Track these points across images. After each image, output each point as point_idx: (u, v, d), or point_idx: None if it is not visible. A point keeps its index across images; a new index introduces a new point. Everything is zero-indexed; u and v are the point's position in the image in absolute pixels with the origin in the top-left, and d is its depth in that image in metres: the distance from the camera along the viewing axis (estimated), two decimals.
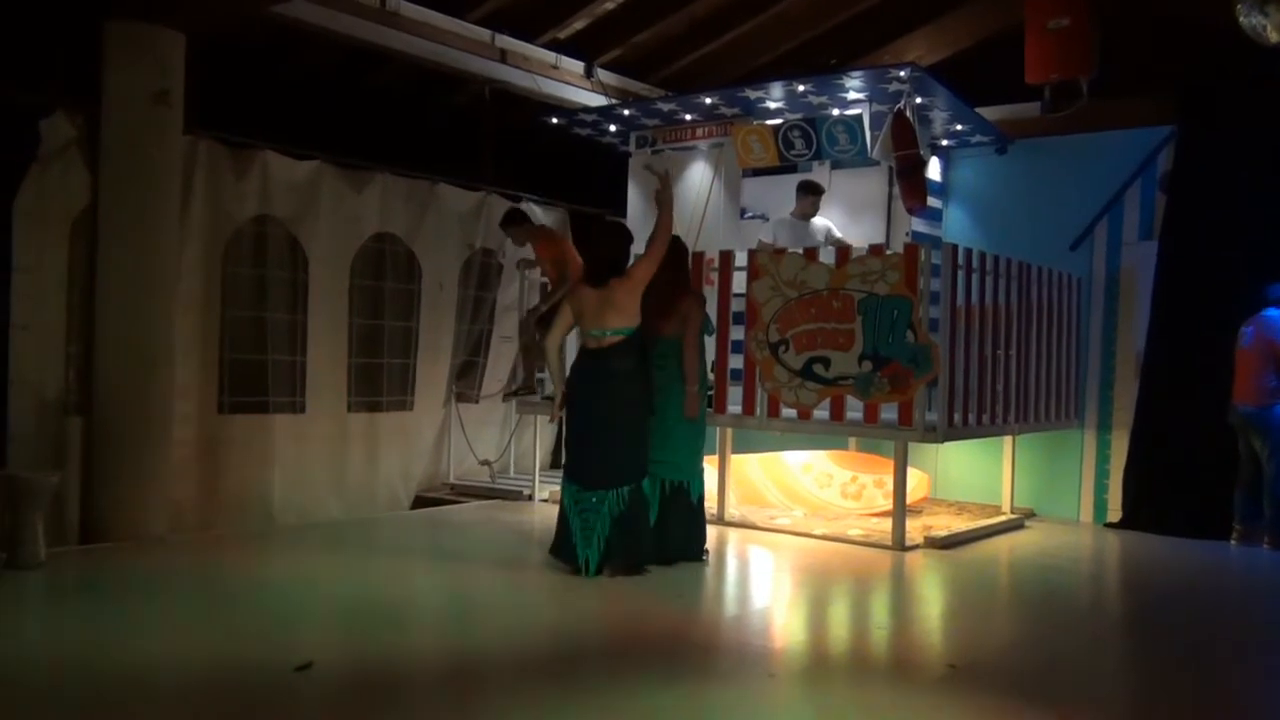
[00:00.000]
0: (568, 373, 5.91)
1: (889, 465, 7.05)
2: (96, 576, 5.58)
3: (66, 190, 6.52)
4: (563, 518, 5.74)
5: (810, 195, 8.18)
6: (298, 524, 7.47)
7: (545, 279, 7.96)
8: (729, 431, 7.40)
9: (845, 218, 8.61)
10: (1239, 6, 6.80)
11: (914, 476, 7.42)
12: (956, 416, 6.61)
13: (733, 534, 7.03)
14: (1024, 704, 3.81)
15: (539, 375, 8.19)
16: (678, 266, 6.13)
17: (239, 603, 4.97)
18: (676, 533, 5.95)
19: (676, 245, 6.20)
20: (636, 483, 5.69)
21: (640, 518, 5.71)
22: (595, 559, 5.57)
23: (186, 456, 7.08)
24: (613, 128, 8.93)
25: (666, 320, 5.90)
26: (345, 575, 5.70)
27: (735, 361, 7.13)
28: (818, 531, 7.02)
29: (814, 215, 8.21)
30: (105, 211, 6.51)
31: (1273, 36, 6.72)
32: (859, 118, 7.71)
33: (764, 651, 4.54)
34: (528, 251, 8.26)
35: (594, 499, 5.61)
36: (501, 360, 9.36)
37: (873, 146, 7.68)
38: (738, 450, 7.76)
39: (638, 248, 5.98)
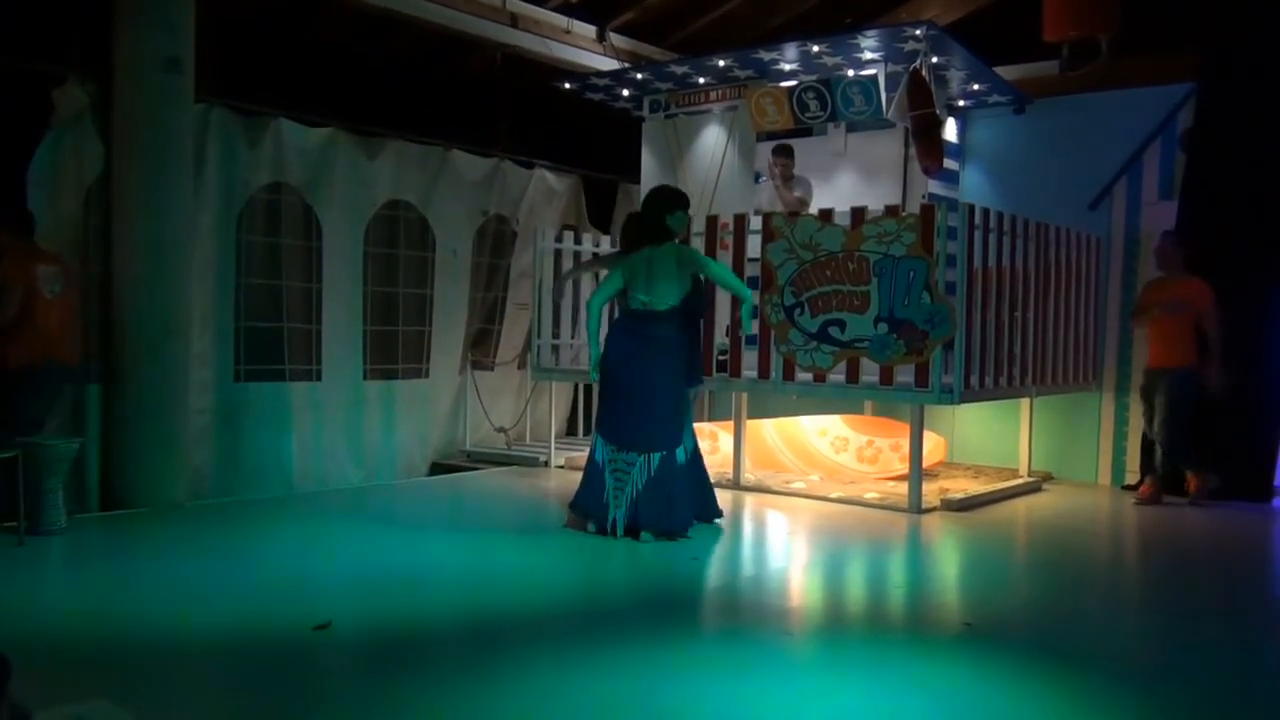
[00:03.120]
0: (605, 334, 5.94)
1: (905, 429, 7.03)
2: (117, 542, 5.64)
3: (79, 159, 6.51)
4: (594, 474, 5.77)
5: (775, 158, 8.24)
6: (316, 491, 7.51)
7: None
8: (744, 396, 7.38)
9: (861, 180, 8.56)
10: None
11: (930, 440, 7.40)
12: (973, 379, 6.58)
13: (748, 498, 7.03)
14: (1039, 660, 3.81)
15: (553, 342, 8.21)
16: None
17: (258, 567, 5.01)
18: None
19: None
20: (669, 450, 5.70)
21: (672, 484, 5.71)
22: (623, 521, 5.61)
23: (204, 424, 7.11)
24: (626, 92, 8.86)
25: None
26: (364, 540, 5.74)
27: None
28: (834, 495, 7.01)
29: (789, 176, 8.25)
30: (119, 180, 6.50)
31: None
32: (874, 78, 7.62)
33: (781, 610, 4.55)
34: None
35: (626, 460, 5.64)
36: (516, 327, 9.35)
37: (888, 107, 7.60)
38: (753, 415, 7.75)
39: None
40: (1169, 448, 7.09)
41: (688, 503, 5.82)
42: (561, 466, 8.16)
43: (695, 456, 6.02)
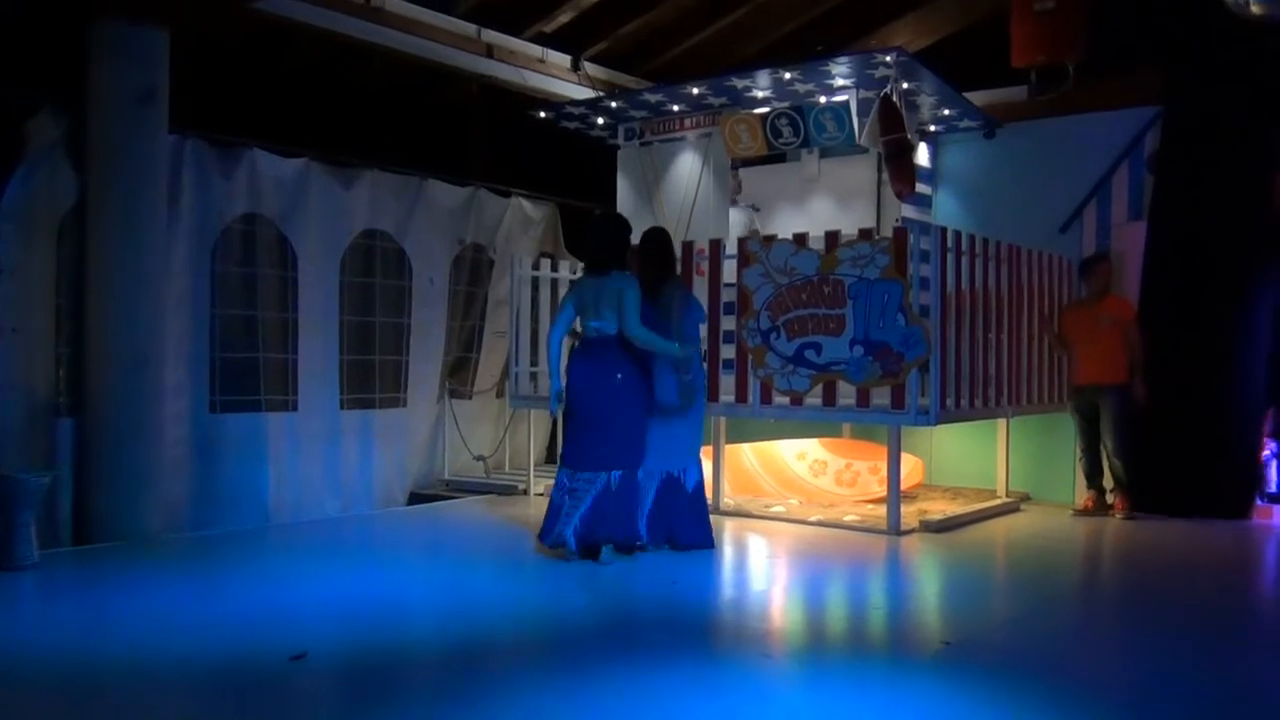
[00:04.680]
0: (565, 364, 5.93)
1: (883, 452, 7.05)
2: (91, 576, 5.56)
3: (53, 191, 6.50)
4: (552, 505, 5.79)
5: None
6: (293, 522, 7.45)
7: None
8: (722, 420, 7.39)
9: (835, 205, 8.64)
10: None
11: (908, 462, 7.42)
12: (949, 400, 6.61)
13: (728, 522, 7.02)
14: (1017, 678, 3.81)
15: (531, 370, 8.21)
16: (665, 255, 6.15)
17: (233, 599, 4.95)
18: (679, 521, 5.99)
19: (662, 235, 6.21)
20: (629, 469, 5.71)
21: (628, 501, 5.74)
22: (574, 537, 5.63)
23: (179, 456, 7.06)
24: (601, 120, 8.92)
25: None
26: (341, 570, 5.68)
27: (727, 351, 7.12)
28: (813, 518, 7.02)
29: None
30: (92, 211, 6.48)
31: (1255, 9, 6.72)
32: (846, 104, 7.70)
33: (761, 633, 4.54)
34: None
35: (584, 480, 5.66)
36: (494, 355, 9.34)
37: (860, 133, 7.68)
38: (731, 439, 7.76)
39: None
40: (1128, 463, 7.26)
41: (643, 521, 5.87)
42: (541, 494, 8.12)
43: (700, 486, 6.12)
